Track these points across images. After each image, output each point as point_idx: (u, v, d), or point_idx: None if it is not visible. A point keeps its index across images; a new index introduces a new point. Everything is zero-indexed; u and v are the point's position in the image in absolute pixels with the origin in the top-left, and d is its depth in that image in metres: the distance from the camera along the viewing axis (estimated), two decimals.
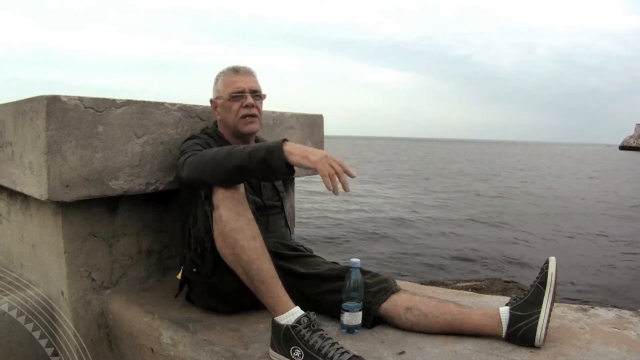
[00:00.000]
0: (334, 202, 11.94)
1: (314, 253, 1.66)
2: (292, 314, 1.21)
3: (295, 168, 1.22)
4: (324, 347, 1.14)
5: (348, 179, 1.18)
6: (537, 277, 1.29)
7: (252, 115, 1.61)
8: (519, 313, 1.26)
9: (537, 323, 1.23)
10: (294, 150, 1.19)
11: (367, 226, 9.20)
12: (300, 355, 1.15)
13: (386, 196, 13.96)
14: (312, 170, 1.20)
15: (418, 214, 10.97)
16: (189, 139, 1.59)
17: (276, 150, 1.19)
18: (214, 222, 1.29)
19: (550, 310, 1.25)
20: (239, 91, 1.60)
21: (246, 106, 1.59)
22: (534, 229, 9.35)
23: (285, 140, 1.22)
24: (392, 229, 9.10)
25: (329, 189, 1.16)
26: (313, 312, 1.21)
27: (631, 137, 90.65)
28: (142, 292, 1.66)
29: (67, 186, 1.40)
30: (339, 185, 1.16)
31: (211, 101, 1.68)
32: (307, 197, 12.23)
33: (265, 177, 1.33)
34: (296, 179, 2.46)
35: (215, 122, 1.71)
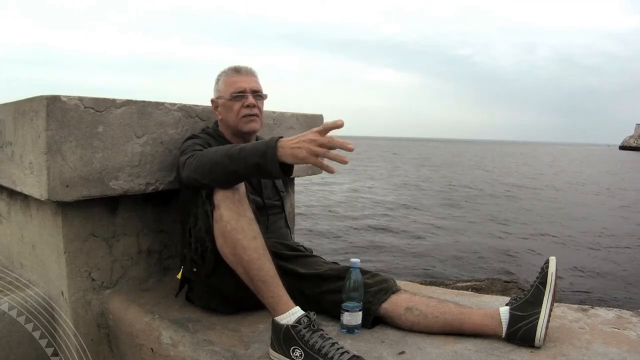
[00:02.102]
0: (334, 201, 11.94)
1: (314, 253, 1.66)
2: (292, 314, 1.20)
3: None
4: (324, 347, 1.14)
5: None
6: (537, 277, 1.29)
7: (253, 115, 1.61)
8: (519, 313, 1.26)
9: (537, 323, 1.23)
10: (285, 152, 1.13)
11: (367, 226, 9.20)
12: (301, 355, 1.15)
13: (386, 196, 13.96)
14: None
15: (418, 214, 10.97)
16: (189, 138, 1.59)
17: (269, 153, 1.14)
18: (215, 222, 1.29)
19: (550, 310, 1.25)
20: (240, 91, 1.60)
21: (247, 106, 1.59)
22: (535, 229, 9.35)
23: (279, 139, 1.16)
24: (392, 228, 9.10)
25: (330, 172, 1.14)
26: (313, 312, 1.21)
27: (631, 137, 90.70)
28: (142, 292, 1.66)
29: (67, 186, 1.40)
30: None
31: (212, 101, 1.68)
32: (309, 197, 12.23)
33: (263, 177, 1.32)
34: (296, 180, 2.46)
35: (216, 122, 1.71)
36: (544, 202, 13.29)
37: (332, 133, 1.13)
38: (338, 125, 1.11)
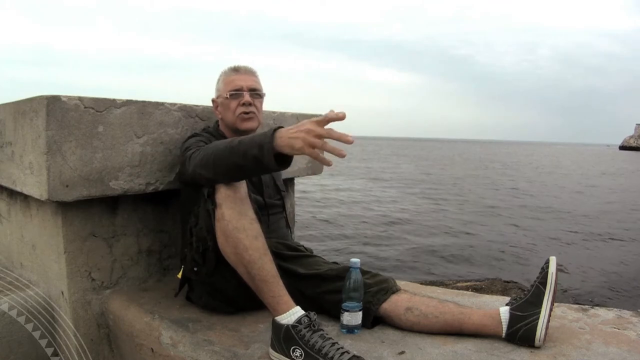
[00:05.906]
0: (334, 202, 11.95)
1: (314, 253, 1.66)
2: (292, 314, 1.21)
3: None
4: (324, 347, 1.14)
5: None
6: (537, 277, 1.30)
7: (250, 113, 1.61)
8: (519, 313, 1.26)
9: (537, 323, 1.23)
10: (282, 142, 1.11)
11: (367, 226, 9.21)
12: (301, 355, 1.15)
13: (386, 195, 13.97)
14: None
15: (418, 213, 10.97)
16: (192, 136, 1.59)
17: (266, 146, 1.13)
18: (216, 221, 1.28)
19: (551, 310, 1.25)
20: (237, 89, 1.60)
21: (243, 104, 1.60)
22: (535, 229, 9.35)
23: (277, 129, 1.14)
24: (392, 228, 9.10)
25: (326, 164, 1.13)
26: (313, 312, 1.21)
27: (631, 137, 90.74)
28: (142, 292, 1.66)
29: (67, 186, 1.40)
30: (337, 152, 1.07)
31: (213, 100, 1.69)
32: (309, 196, 12.23)
33: (262, 172, 1.32)
34: (296, 179, 2.46)
35: (217, 122, 1.71)
36: (545, 202, 13.28)
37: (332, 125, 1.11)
38: (340, 117, 1.06)
